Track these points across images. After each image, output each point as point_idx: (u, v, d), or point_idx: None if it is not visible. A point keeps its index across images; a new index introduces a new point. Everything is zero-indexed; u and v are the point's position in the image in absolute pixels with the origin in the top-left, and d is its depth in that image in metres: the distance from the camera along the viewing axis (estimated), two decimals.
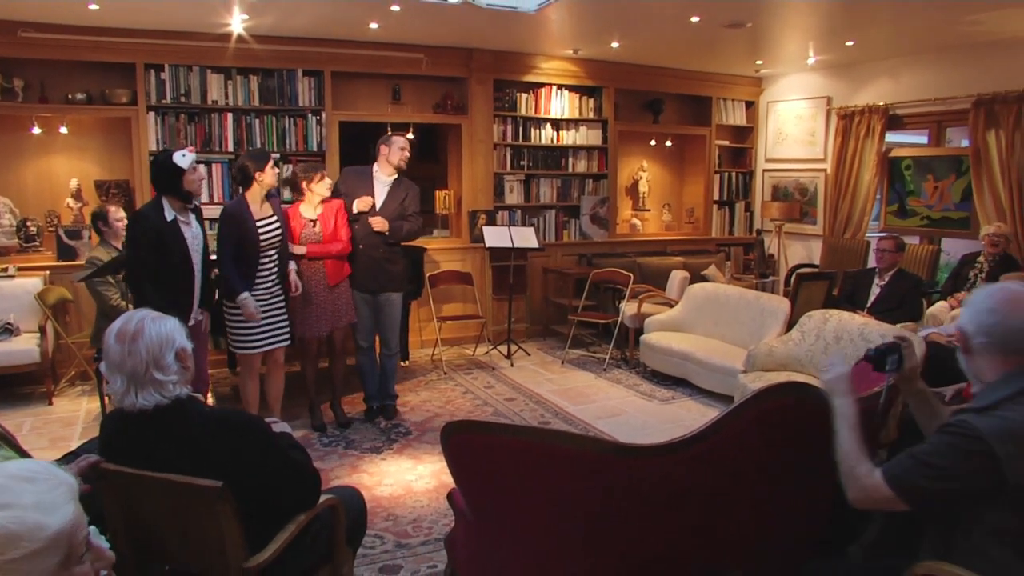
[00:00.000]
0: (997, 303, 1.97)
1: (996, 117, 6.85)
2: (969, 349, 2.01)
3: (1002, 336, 1.95)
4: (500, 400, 5.87)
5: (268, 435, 2.19)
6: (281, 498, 2.23)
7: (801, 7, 5.82)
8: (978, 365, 2.00)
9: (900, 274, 5.90)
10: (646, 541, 2.20)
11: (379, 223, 5.06)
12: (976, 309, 2.01)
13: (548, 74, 7.88)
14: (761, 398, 2.09)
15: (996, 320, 1.95)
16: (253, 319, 4.48)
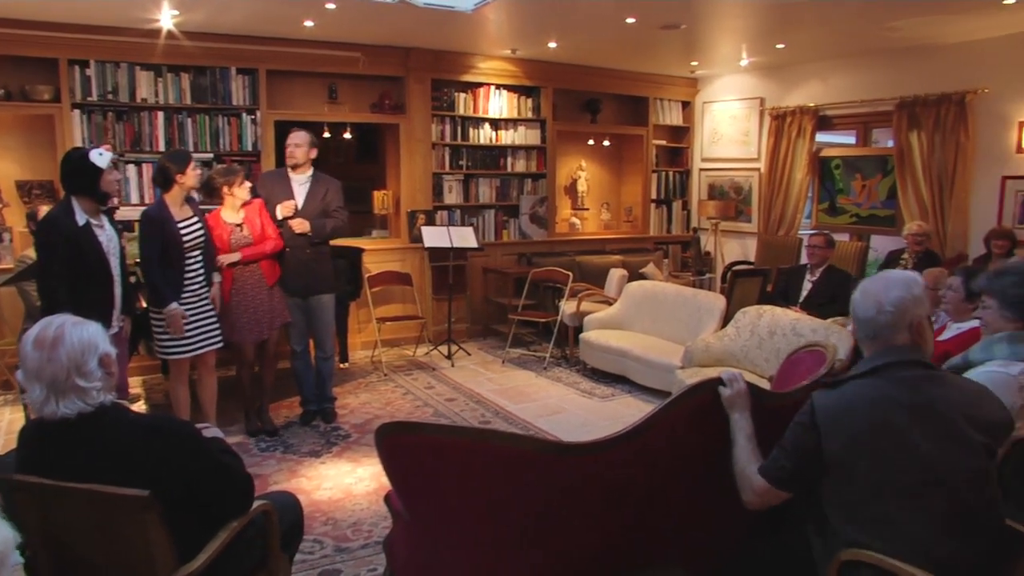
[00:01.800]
0: (867, 286, 2.17)
1: (917, 119, 7.11)
2: (858, 341, 2.21)
3: (861, 327, 2.14)
4: (441, 401, 5.85)
5: (198, 441, 2.14)
6: (213, 505, 2.18)
7: (733, 10, 5.94)
8: (864, 347, 2.18)
9: (831, 270, 6.07)
10: (585, 538, 2.22)
11: (299, 225, 4.96)
12: (855, 297, 2.18)
13: (486, 74, 7.88)
14: (692, 393, 2.13)
15: (863, 302, 2.14)
16: (178, 332, 4.33)
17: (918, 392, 2.00)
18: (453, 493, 2.09)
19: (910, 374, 2.03)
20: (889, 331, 2.07)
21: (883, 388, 2.01)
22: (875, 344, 2.10)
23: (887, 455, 1.96)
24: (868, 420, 1.98)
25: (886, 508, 1.97)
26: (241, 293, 4.78)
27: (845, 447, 1.98)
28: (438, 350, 7.21)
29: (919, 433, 1.96)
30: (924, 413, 1.98)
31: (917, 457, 1.95)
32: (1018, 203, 6.68)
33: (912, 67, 7.17)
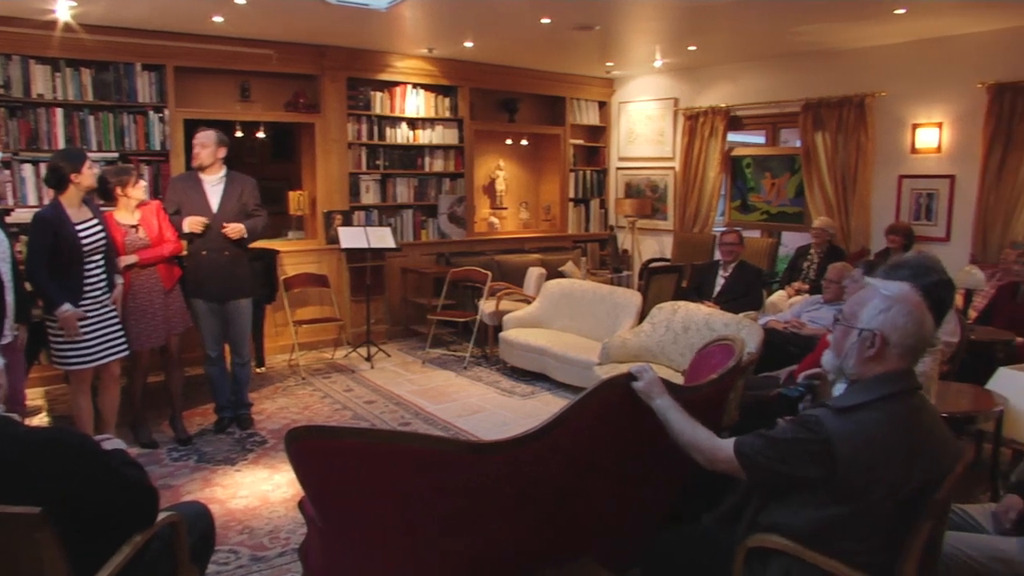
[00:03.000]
0: (920, 314, 2.04)
1: (822, 120, 7.41)
2: (882, 355, 2.02)
3: (919, 344, 2.04)
4: (360, 403, 5.77)
5: (96, 454, 2.05)
6: (114, 519, 2.09)
7: (646, 12, 6.05)
8: (871, 367, 2.03)
9: (742, 266, 6.26)
10: (499, 536, 2.23)
11: (235, 230, 4.81)
12: (896, 318, 2.02)
13: (403, 73, 7.81)
14: (601, 390, 2.16)
15: (920, 332, 2.02)
16: (73, 335, 4.12)
17: (920, 421, 2.02)
18: (364, 496, 2.06)
19: (914, 402, 2.04)
20: (918, 356, 2.07)
21: (900, 418, 1.98)
22: (899, 364, 2.03)
23: (899, 488, 1.96)
24: (889, 452, 1.94)
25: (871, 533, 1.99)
26: (137, 297, 4.58)
27: (861, 476, 1.93)
28: (357, 352, 7.11)
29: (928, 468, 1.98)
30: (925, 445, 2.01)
31: (918, 493, 1.97)
32: (914, 200, 7.02)
33: (817, 70, 7.46)
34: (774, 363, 4.27)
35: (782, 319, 5.16)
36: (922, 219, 6.96)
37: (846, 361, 2.09)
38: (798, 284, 6.75)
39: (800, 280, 6.82)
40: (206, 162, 4.86)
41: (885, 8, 5.71)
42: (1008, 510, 2.47)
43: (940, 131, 6.80)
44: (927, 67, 6.79)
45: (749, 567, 2.10)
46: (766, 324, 5.02)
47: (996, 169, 6.39)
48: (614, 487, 2.39)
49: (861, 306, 2.08)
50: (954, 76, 6.62)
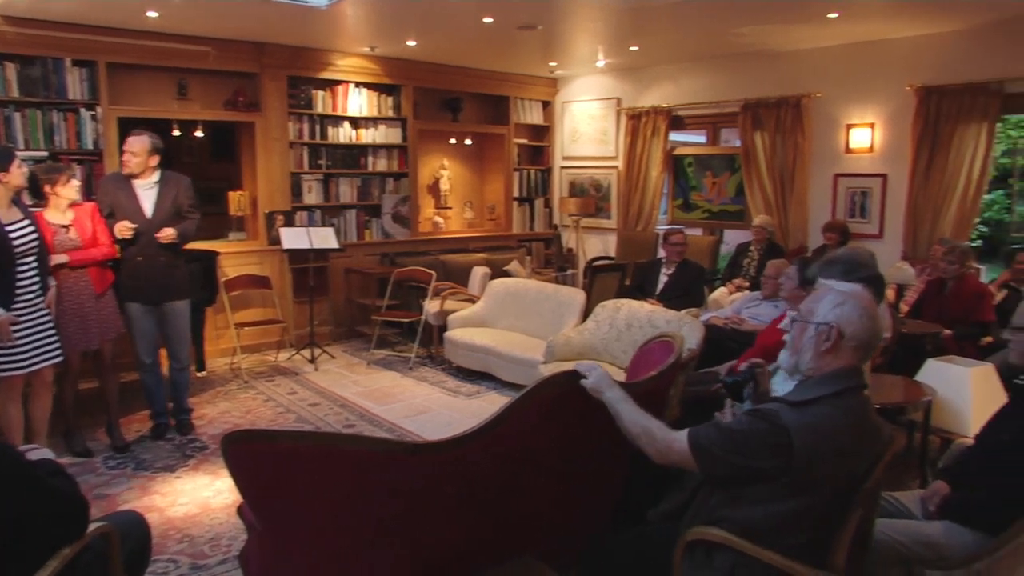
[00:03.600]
0: (872, 309, 2.12)
1: (761, 120, 7.57)
2: (838, 348, 2.10)
3: (871, 341, 2.12)
4: (304, 406, 5.70)
5: (21, 465, 1.97)
6: (40, 532, 2.02)
7: (588, 12, 6.10)
8: (826, 361, 2.10)
9: (684, 264, 6.35)
10: (441, 536, 2.22)
11: (168, 235, 4.68)
12: (851, 312, 2.10)
13: (345, 71, 7.73)
14: (541, 387, 2.16)
15: (872, 326, 2.11)
16: (5, 341, 3.93)
17: (867, 418, 2.10)
18: (303, 500, 2.04)
19: (862, 398, 2.11)
20: (869, 352, 2.14)
21: (851, 413, 2.05)
22: (852, 359, 2.10)
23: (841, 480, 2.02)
24: (839, 447, 2.01)
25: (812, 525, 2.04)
26: (65, 300, 4.42)
27: (813, 468, 1.98)
28: (301, 354, 7.02)
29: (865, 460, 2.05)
30: (869, 439, 2.08)
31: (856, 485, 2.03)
32: (848, 198, 7.22)
33: (755, 71, 7.62)
34: (715, 359, 4.33)
35: (723, 315, 5.25)
36: (857, 217, 7.16)
37: (803, 356, 2.15)
38: (739, 281, 6.88)
39: (741, 277, 6.96)
40: (135, 171, 4.69)
41: (819, 12, 5.86)
42: (934, 495, 2.56)
43: (872, 131, 7.01)
44: (860, 69, 6.99)
45: (693, 562, 2.13)
46: (707, 321, 5.11)
47: (924, 169, 6.61)
48: (557, 485, 2.41)
49: (817, 303, 2.16)
50: (885, 78, 6.83)
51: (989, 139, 6.33)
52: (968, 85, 6.32)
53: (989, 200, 10.31)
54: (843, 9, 5.76)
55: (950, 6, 5.74)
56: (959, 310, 5.34)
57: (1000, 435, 2.50)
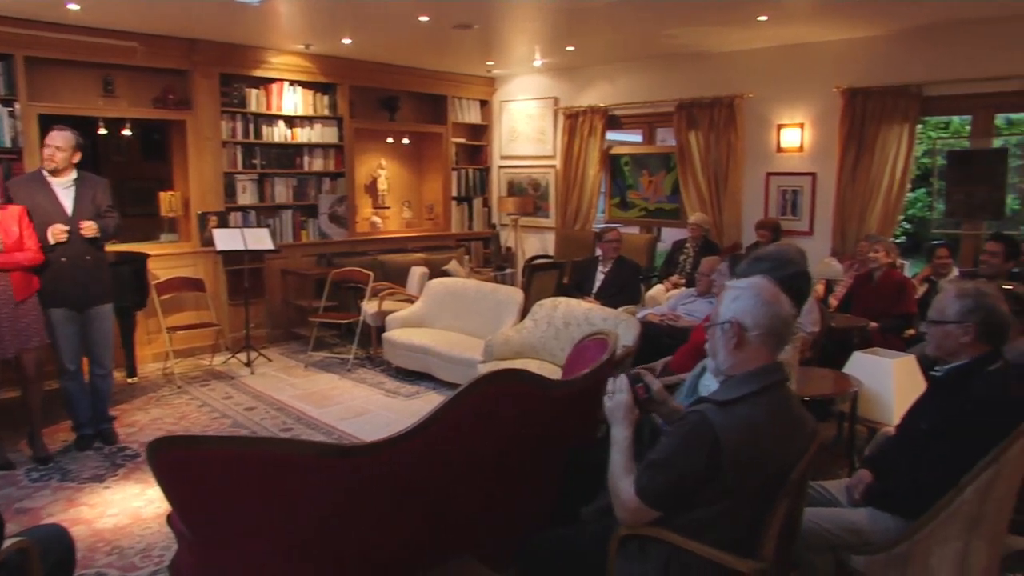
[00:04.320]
0: (768, 295, 2.14)
1: (695, 119, 7.70)
2: (744, 341, 2.12)
3: (777, 326, 2.13)
4: (240, 410, 5.59)
5: None
6: None
7: (524, 12, 6.12)
8: (740, 358, 2.13)
9: (621, 261, 6.43)
10: (376, 539, 2.20)
11: (88, 227, 4.54)
12: (746, 303, 2.13)
13: (279, 69, 7.61)
14: (476, 386, 2.16)
15: (771, 311, 2.12)
16: None
17: (791, 412, 2.14)
18: (233, 506, 2.00)
19: (784, 392, 2.15)
20: (782, 339, 2.16)
21: (775, 409, 2.08)
22: (767, 353, 2.13)
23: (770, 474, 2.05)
24: (766, 443, 2.04)
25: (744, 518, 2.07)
26: None
27: (743, 467, 2.00)
28: (237, 358, 6.88)
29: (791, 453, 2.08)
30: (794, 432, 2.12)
31: (784, 475, 2.06)
32: (780, 196, 7.40)
33: (690, 72, 7.75)
34: (652, 355, 4.39)
35: (659, 312, 5.33)
36: (788, 214, 7.34)
37: (718, 357, 2.18)
38: (675, 278, 6.99)
39: (677, 274, 7.07)
40: (61, 166, 4.53)
41: (749, 14, 5.99)
42: (858, 483, 2.64)
43: (802, 131, 7.20)
44: (789, 71, 7.17)
45: (627, 556, 2.15)
46: (644, 317, 5.17)
47: (851, 168, 6.82)
48: (493, 484, 2.41)
49: (719, 304, 2.20)
50: (813, 80, 7.02)
51: (910, 139, 6.57)
52: (890, 88, 6.54)
53: (912, 198, 10.69)
54: (772, 12, 5.90)
55: (872, 12, 5.94)
56: (885, 304, 5.52)
57: (918, 424, 2.59)
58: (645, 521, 2.08)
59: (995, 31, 6.02)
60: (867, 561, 2.42)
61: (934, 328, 2.59)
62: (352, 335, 6.94)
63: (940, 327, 2.56)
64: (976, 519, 2.29)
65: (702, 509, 2.04)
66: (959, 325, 2.52)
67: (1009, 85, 6.03)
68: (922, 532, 2.32)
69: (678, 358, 3.74)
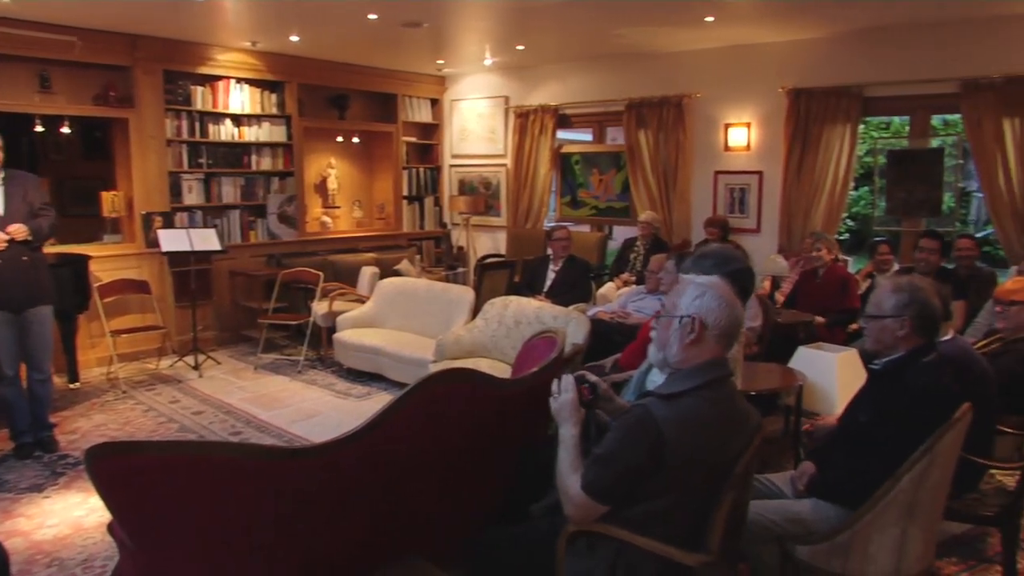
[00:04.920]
0: (729, 297, 2.18)
1: (644, 119, 7.78)
2: (702, 338, 2.15)
3: (732, 328, 2.17)
4: (187, 415, 5.48)
5: None
6: None
7: (473, 11, 6.12)
8: (692, 353, 2.15)
9: (571, 260, 6.46)
10: (327, 540, 2.18)
11: (18, 230, 4.37)
12: (709, 302, 2.16)
13: (226, 66, 7.48)
14: (424, 386, 2.15)
15: (731, 313, 2.16)
16: None
17: (735, 406, 2.17)
18: (176, 514, 1.95)
19: (728, 387, 2.18)
20: (733, 340, 2.19)
21: (718, 403, 2.11)
22: (717, 350, 2.16)
23: (714, 467, 2.08)
24: (709, 436, 2.07)
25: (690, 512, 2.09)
26: None
27: (686, 460, 2.02)
28: (184, 361, 6.74)
29: (735, 446, 2.12)
30: (737, 426, 2.15)
31: (728, 468, 2.09)
32: (728, 195, 7.53)
33: (639, 72, 7.83)
34: (602, 352, 4.42)
35: (609, 310, 5.37)
36: (736, 212, 7.47)
37: (669, 350, 2.20)
38: (625, 276, 7.06)
39: (628, 272, 7.13)
40: None
41: (696, 15, 6.07)
42: (802, 475, 2.70)
43: (749, 131, 7.32)
44: (736, 71, 7.29)
45: (576, 554, 2.16)
46: (594, 315, 5.21)
47: (796, 166, 6.96)
48: (442, 483, 2.40)
49: (679, 297, 2.22)
50: (759, 80, 7.15)
51: (852, 139, 6.73)
52: (833, 88, 6.69)
53: (856, 196, 10.96)
54: (718, 13, 5.99)
55: (815, 15, 6.08)
56: (829, 299, 5.65)
57: (858, 417, 2.65)
58: (593, 517, 2.09)
59: (930, 35, 6.21)
60: (811, 551, 2.46)
61: (871, 322, 2.65)
62: (302, 336, 6.86)
63: (877, 321, 2.62)
64: (912, 506, 2.35)
65: (648, 503, 2.06)
66: (895, 319, 2.58)
67: (944, 87, 6.23)
68: (862, 521, 2.37)
69: (627, 355, 3.77)
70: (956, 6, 5.73)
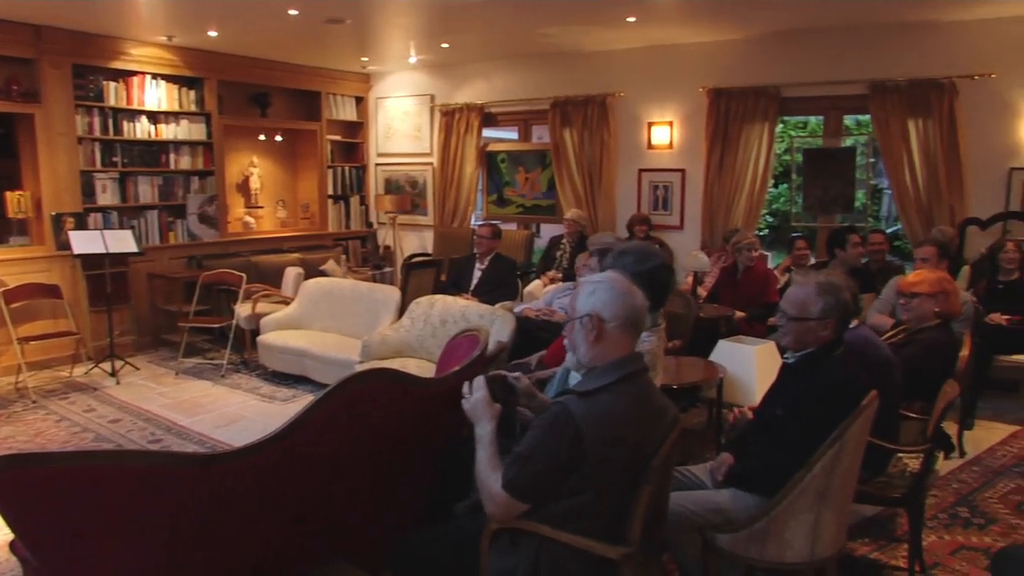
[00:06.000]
0: (622, 287, 2.20)
1: (569, 117, 7.85)
2: (603, 332, 2.17)
3: (633, 316, 2.18)
4: (103, 423, 5.28)
5: None
6: None
7: (397, 8, 6.07)
8: (600, 349, 2.17)
9: (497, 258, 6.47)
10: (246, 546, 2.13)
11: None
12: (603, 296, 2.18)
13: (140, 61, 7.22)
14: (343, 387, 2.12)
15: (626, 302, 2.18)
16: None
17: (651, 401, 2.19)
18: (83, 527, 1.87)
19: (643, 381, 2.20)
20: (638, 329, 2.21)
21: (635, 398, 2.13)
22: (625, 344, 2.18)
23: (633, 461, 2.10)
24: (627, 431, 2.08)
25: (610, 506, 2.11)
26: None
27: (605, 455, 2.03)
28: (100, 368, 6.48)
29: (653, 439, 2.13)
30: (654, 420, 2.17)
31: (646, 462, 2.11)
32: (652, 192, 7.66)
33: (564, 71, 7.89)
34: (529, 349, 4.44)
35: (535, 307, 5.40)
36: (660, 209, 7.61)
37: (579, 351, 2.22)
38: (552, 273, 7.10)
39: (554, 269, 7.18)
40: None
41: (618, 15, 6.16)
42: (720, 466, 2.77)
43: (671, 129, 7.47)
44: (658, 71, 7.43)
45: (499, 550, 2.17)
46: (520, 313, 5.23)
47: (718, 164, 7.13)
48: (364, 485, 2.37)
49: (576, 299, 2.25)
50: (681, 80, 7.29)
51: (770, 138, 6.94)
52: (751, 88, 6.88)
53: (776, 193, 11.28)
54: (639, 14, 6.09)
55: (733, 17, 6.24)
56: (749, 294, 5.81)
57: (774, 409, 2.73)
58: (515, 515, 2.10)
59: (842, 39, 6.45)
60: (730, 539, 2.53)
61: (796, 324, 2.69)
62: (225, 340, 6.68)
63: (802, 323, 2.68)
64: (824, 492, 2.44)
65: (568, 499, 2.07)
66: (820, 321, 2.66)
67: (855, 88, 6.48)
68: (778, 508, 2.45)
69: (552, 352, 3.80)
70: (865, 12, 5.96)
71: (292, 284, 7.03)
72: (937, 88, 6.10)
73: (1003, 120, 6.04)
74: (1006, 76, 5.95)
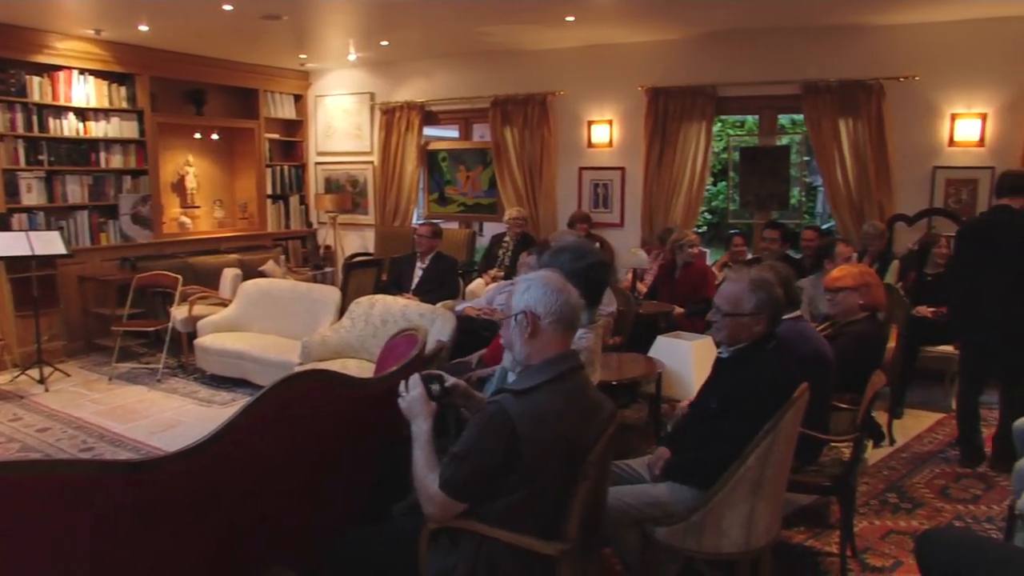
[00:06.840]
0: (556, 284, 2.21)
1: (510, 116, 7.87)
2: (538, 329, 2.17)
3: (567, 313, 2.19)
4: (31, 433, 5.10)
5: None
6: None
7: (333, 4, 6.00)
8: (535, 347, 2.18)
9: (438, 257, 6.44)
10: (178, 553, 2.08)
11: None
12: (536, 293, 2.19)
13: (66, 56, 6.98)
14: (276, 390, 2.09)
15: (560, 298, 2.18)
16: None
17: (587, 397, 2.20)
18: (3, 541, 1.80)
19: (579, 378, 2.21)
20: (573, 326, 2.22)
21: (570, 395, 2.14)
22: (560, 341, 2.19)
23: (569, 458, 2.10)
24: (562, 428, 2.09)
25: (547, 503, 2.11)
26: None
27: (541, 454, 2.04)
28: (27, 375, 6.25)
29: (589, 436, 2.14)
30: (590, 417, 2.18)
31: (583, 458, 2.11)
32: (592, 190, 7.72)
33: (504, 69, 7.90)
34: (471, 347, 4.44)
35: (477, 305, 5.40)
36: (600, 207, 7.68)
37: (515, 349, 2.23)
38: (494, 271, 7.11)
39: (496, 268, 7.19)
40: None
41: (556, 15, 6.20)
42: (658, 460, 2.80)
43: (611, 128, 7.55)
44: (598, 70, 7.49)
45: (437, 551, 2.16)
46: (461, 311, 5.22)
47: (656, 162, 7.23)
48: (300, 487, 2.34)
49: (511, 297, 2.26)
50: (620, 79, 7.37)
51: (708, 136, 7.06)
52: (688, 88, 6.99)
53: (715, 191, 11.49)
54: (578, 13, 6.14)
55: (670, 17, 6.34)
56: (688, 290, 5.91)
57: (709, 403, 2.78)
58: (452, 514, 2.10)
59: (776, 40, 6.60)
60: (668, 531, 2.57)
61: (729, 320, 2.75)
62: (161, 343, 6.52)
63: (735, 319, 2.74)
64: (758, 483, 2.49)
65: (505, 497, 2.08)
66: (753, 316, 2.72)
67: (788, 89, 6.64)
68: (715, 500, 2.49)
69: (491, 351, 3.80)
70: (798, 14, 6.11)
71: (230, 285, 6.88)
72: (865, 89, 6.29)
73: (927, 120, 6.27)
74: (929, 78, 6.17)
